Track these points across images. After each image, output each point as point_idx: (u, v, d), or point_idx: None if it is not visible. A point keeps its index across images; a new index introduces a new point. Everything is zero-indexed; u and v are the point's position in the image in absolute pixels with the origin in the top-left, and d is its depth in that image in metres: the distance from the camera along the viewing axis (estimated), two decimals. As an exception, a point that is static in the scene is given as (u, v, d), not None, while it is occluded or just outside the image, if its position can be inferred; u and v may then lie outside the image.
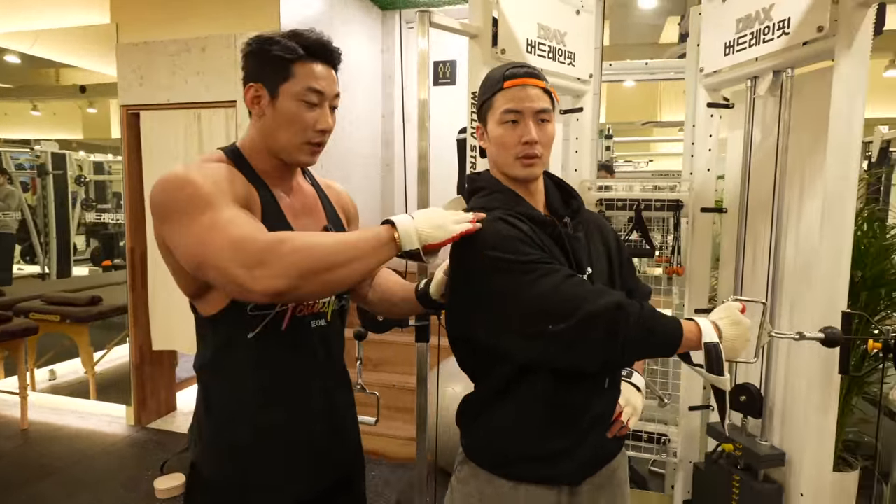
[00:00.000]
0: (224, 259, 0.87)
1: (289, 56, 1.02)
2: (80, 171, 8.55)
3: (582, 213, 1.17)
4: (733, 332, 1.01)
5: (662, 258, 2.19)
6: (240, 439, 1.06)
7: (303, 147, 1.06)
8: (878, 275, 2.04)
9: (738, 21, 1.75)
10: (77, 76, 8.46)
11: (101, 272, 8.01)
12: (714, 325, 1.01)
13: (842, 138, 1.45)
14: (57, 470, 2.92)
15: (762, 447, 1.70)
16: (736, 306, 1.04)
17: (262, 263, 0.86)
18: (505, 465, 1.10)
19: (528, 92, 1.07)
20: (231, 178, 1.01)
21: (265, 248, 0.87)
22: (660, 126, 7.67)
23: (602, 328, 0.94)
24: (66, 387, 4.13)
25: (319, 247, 0.90)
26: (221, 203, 0.93)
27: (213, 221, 0.90)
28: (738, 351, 1.02)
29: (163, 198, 0.95)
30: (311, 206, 1.16)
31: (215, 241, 0.88)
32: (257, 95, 1.05)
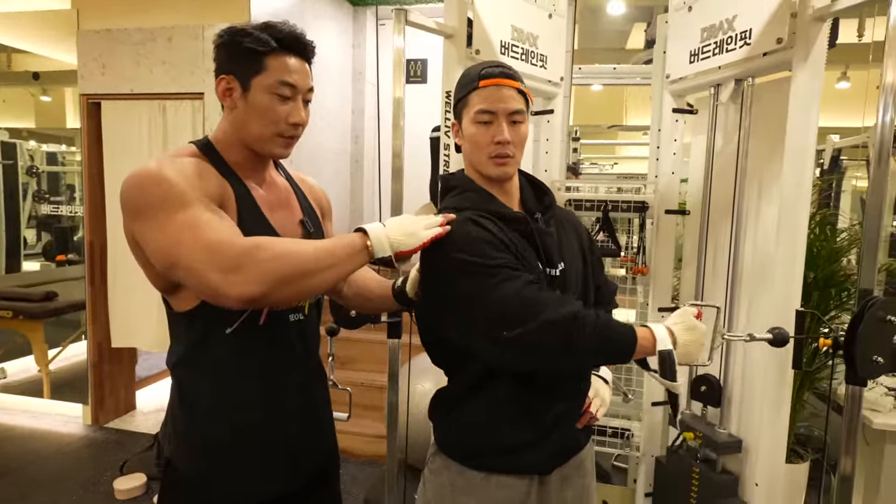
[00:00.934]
0: (198, 261, 0.87)
1: (261, 48, 1.01)
2: (32, 161, 8.20)
3: (554, 209, 1.19)
4: (688, 338, 1.04)
5: (627, 258, 2.25)
6: (216, 436, 1.05)
7: (275, 139, 1.05)
8: (828, 276, 2.15)
9: (703, 30, 1.82)
10: (30, 62, 8.10)
11: (53, 267, 7.70)
12: (669, 332, 1.04)
13: (797, 145, 1.52)
14: (10, 471, 2.81)
15: (720, 435, 1.77)
16: (691, 311, 1.08)
17: (239, 268, 0.86)
18: (476, 456, 1.13)
19: (503, 92, 1.09)
20: (204, 175, 0.99)
21: (242, 253, 0.87)
22: (625, 130, 7.84)
23: (558, 337, 0.97)
24: (17, 385, 3.97)
25: (296, 254, 0.91)
26: (196, 202, 0.92)
27: (188, 221, 0.89)
28: (693, 355, 1.05)
29: (135, 193, 0.93)
30: (285, 200, 1.16)
31: (190, 242, 0.87)
32: (229, 88, 1.04)
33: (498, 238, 1.05)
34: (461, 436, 1.15)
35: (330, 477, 1.26)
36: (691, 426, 1.85)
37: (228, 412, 1.05)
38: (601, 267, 1.32)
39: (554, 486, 1.16)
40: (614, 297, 1.37)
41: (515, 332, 0.96)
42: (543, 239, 1.11)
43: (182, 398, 1.07)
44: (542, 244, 1.11)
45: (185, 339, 1.05)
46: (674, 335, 1.04)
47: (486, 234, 1.05)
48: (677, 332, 1.05)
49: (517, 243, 1.08)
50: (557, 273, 1.12)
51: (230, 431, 1.05)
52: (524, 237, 1.10)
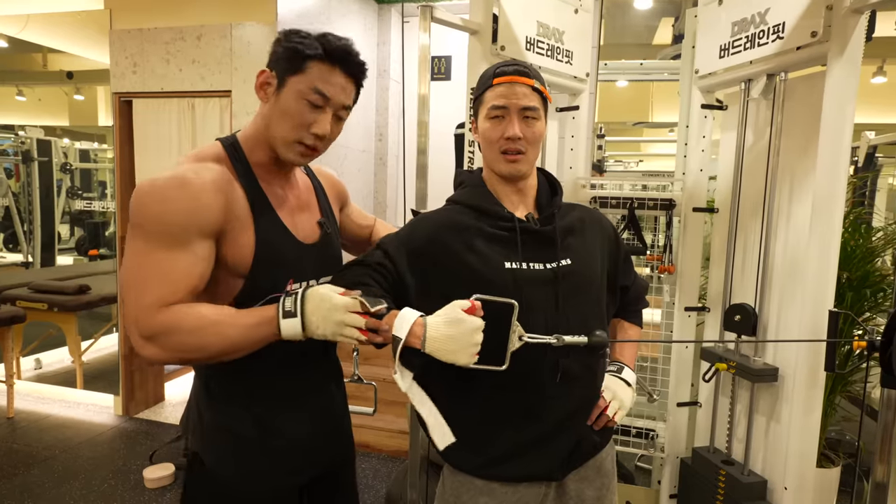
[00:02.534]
0: (129, 315, 0.93)
1: (306, 51, 1.01)
2: (66, 158, 8.44)
3: (558, 209, 1.17)
4: (445, 332, 0.94)
5: (653, 257, 2.22)
6: (243, 430, 1.08)
7: (294, 145, 1.04)
8: (863, 276, 2.09)
9: (734, 24, 1.78)
10: (64, 62, 8.34)
11: (86, 261, 7.92)
12: (421, 324, 0.96)
13: (832, 142, 1.48)
14: (45, 459, 2.90)
15: (756, 363, 1.73)
16: (461, 304, 0.95)
17: (152, 340, 0.92)
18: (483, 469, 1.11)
19: (515, 89, 1.09)
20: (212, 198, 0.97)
21: (157, 331, 0.92)
22: (650, 127, 7.74)
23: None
24: (51, 376, 4.09)
25: (204, 343, 0.94)
26: (179, 247, 0.94)
27: (150, 270, 0.93)
28: (454, 354, 0.94)
29: (136, 204, 0.95)
30: (305, 201, 1.17)
31: (133, 293, 0.93)
32: (266, 82, 1.04)
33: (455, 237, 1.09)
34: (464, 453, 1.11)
35: (348, 464, 1.30)
36: (724, 357, 1.81)
37: (254, 407, 1.08)
38: (629, 266, 1.30)
39: (572, 486, 1.15)
40: (644, 296, 1.35)
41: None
42: (527, 237, 1.10)
43: (209, 393, 1.09)
44: (525, 242, 1.10)
45: None
46: (424, 329, 0.95)
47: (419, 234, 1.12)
48: (430, 324, 0.95)
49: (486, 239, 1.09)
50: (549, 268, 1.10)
51: (256, 426, 1.08)
52: (506, 232, 1.10)
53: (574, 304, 1.11)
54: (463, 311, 0.94)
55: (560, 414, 1.11)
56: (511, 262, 1.08)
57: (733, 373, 1.77)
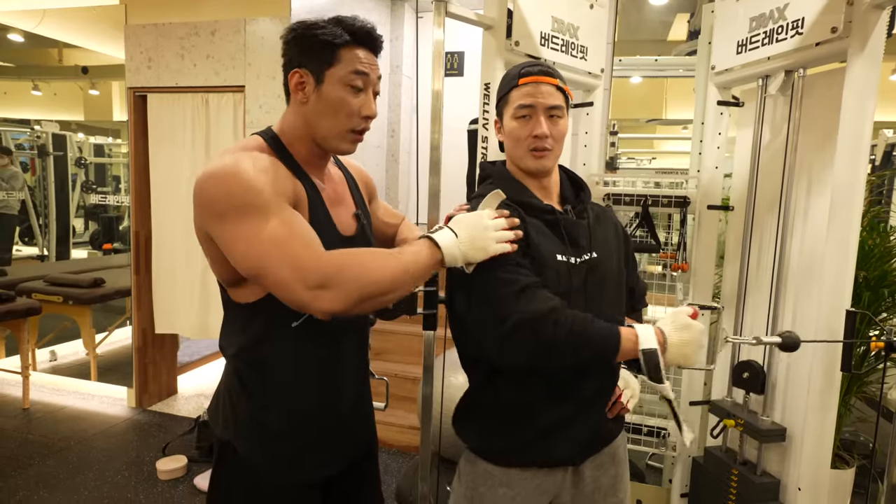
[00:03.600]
0: (286, 276, 0.90)
1: (336, 41, 1.01)
2: (80, 153, 8.53)
3: (587, 203, 1.21)
4: (681, 337, 1.02)
5: (667, 255, 2.21)
6: (276, 422, 1.08)
7: (346, 135, 1.06)
8: (881, 276, 2.07)
9: (752, 20, 1.76)
10: (79, 57, 8.42)
11: (100, 255, 8.01)
12: (659, 332, 1.03)
13: (852, 139, 1.46)
14: (60, 450, 2.94)
15: (763, 422, 1.72)
16: (686, 311, 1.05)
17: (325, 286, 0.90)
18: (505, 455, 1.15)
19: (541, 88, 1.12)
20: (279, 174, 1.00)
21: (328, 273, 0.91)
22: (664, 124, 7.67)
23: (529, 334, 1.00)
24: (66, 368, 4.15)
25: (377, 275, 0.95)
26: (278, 209, 0.94)
27: (273, 234, 0.91)
28: (689, 357, 1.02)
29: (218, 194, 0.93)
30: (341, 194, 1.17)
31: (278, 257, 0.90)
32: (301, 82, 1.04)
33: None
34: (484, 438, 1.17)
35: (371, 458, 1.31)
36: (732, 414, 1.80)
37: (288, 400, 1.08)
38: (635, 266, 1.33)
39: (589, 473, 1.18)
40: (644, 297, 1.38)
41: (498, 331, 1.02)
42: (569, 228, 1.13)
43: (243, 385, 1.08)
44: (567, 232, 1.13)
45: (247, 329, 1.06)
46: (664, 335, 1.03)
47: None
48: (668, 332, 1.03)
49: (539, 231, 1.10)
50: (584, 260, 1.13)
51: (289, 418, 1.08)
52: (548, 226, 1.13)
53: (601, 297, 1.14)
54: (689, 316, 1.04)
55: (586, 400, 1.14)
56: (562, 254, 1.11)
57: (741, 430, 1.76)
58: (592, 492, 1.19)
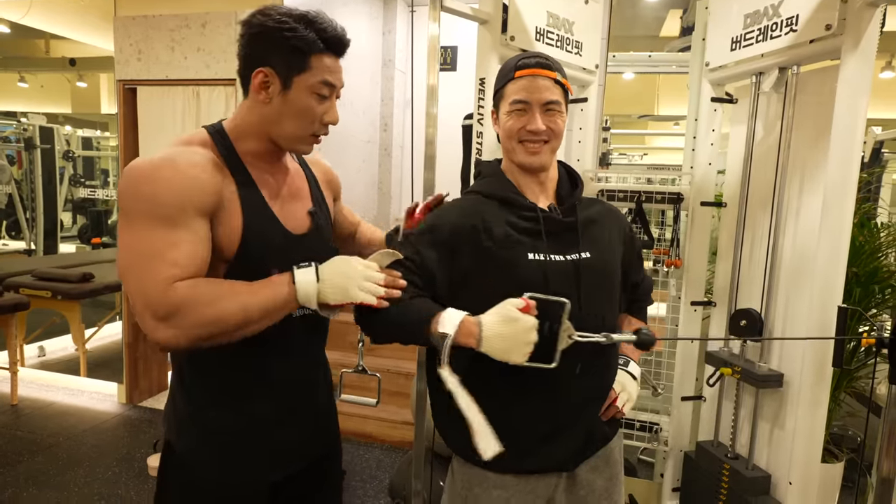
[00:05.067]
0: (137, 299, 0.90)
1: (307, 49, 0.99)
2: (68, 146, 8.42)
3: (579, 201, 1.17)
4: (500, 330, 0.95)
5: (660, 251, 2.21)
6: (220, 423, 1.06)
7: (307, 138, 1.06)
8: (871, 272, 2.09)
9: (746, 16, 1.76)
10: (67, 48, 8.30)
11: (89, 249, 7.93)
12: (475, 322, 0.97)
13: (845, 136, 1.47)
14: (49, 446, 2.91)
15: (761, 368, 1.73)
16: (515, 303, 0.97)
17: (167, 320, 0.89)
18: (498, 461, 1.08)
19: (538, 82, 1.09)
20: (206, 174, 0.97)
21: (174, 309, 0.89)
22: (656, 120, 7.70)
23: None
24: (55, 363, 4.11)
25: (223, 314, 0.92)
26: (176, 225, 0.92)
27: (148, 249, 0.90)
28: (508, 352, 0.95)
29: (127, 189, 0.93)
30: (296, 189, 1.14)
31: (138, 275, 0.90)
32: (266, 82, 1.00)
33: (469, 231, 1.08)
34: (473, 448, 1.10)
35: (332, 458, 1.27)
36: (729, 362, 1.80)
37: (230, 401, 1.06)
38: (640, 263, 1.31)
39: (584, 476, 1.16)
40: (650, 293, 1.36)
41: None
42: (551, 227, 1.10)
43: (183, 383, 1.07)
44: (546, 231, 1.09)
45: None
46: (479, 327, 0.96)
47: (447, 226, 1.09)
48: (485, 323, 0.96)
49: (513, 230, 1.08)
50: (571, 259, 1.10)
51: (231, 419, 1.06)
52: (529, 222, 1.09)
53: (593, 297, 1.11)
54: (518, 309, 0.95)
55: (576, 405, 1.12)
56: (535, 253, 1.07)
57: (738, 378, 1.76)
58: (587, 494, 1.17)
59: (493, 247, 1.07)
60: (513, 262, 1.06)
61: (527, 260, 1.07)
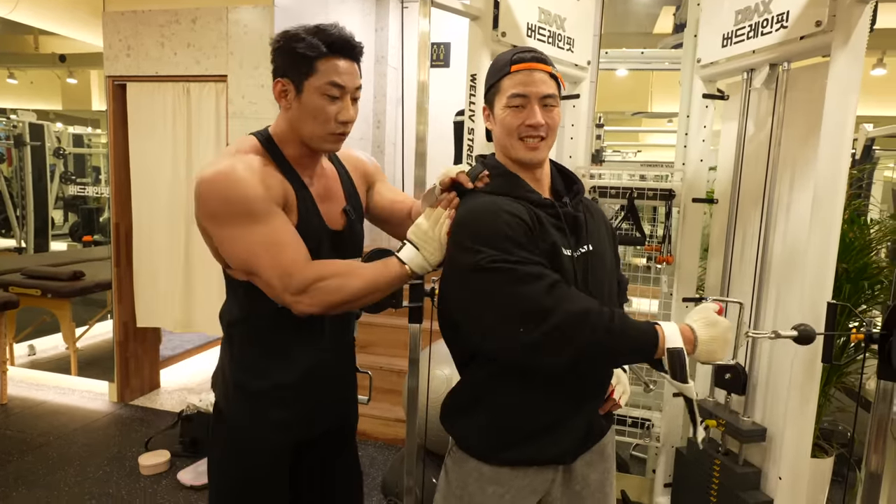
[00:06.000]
0: (272, 280, 1.07)
1: (312, 53, 1.10)
2: (59, 143, 8.35)
3: (581, 196, 1.19)
4: (710, 334, 1.01)
5: (652, 247, 2.22)
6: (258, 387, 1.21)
7: (327, 137, 1.16)
8: (861, 268, 2.10)
9: (738, 13, 1.76)
10: (56, 44, 8.22)
11: (80, 247, 7.87)
12: (688, 329, 1.02)
13: (834, 133, 1.47)
14: (39, 445, 2.89)
15: (744, 423, 1.74)
16: (712, 307, 1.04)
17: (304, 293, 1.07)
18: (499, 453, 1.12)
19: (535, 76, 1.08)
20: (270, 177, 1.11)
21: (309, 283, 1.07)
22: (649, 117, 7.71)
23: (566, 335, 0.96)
24: (45, 362, 4.07)
25: (350, 288, 1.10)
26: (271, 216, 1.08)
27: (265, 239, 1.07)
28: (716, 353, 1.02)
29: (216, 199, 1.07)
30: (331, 190, 1.26)
31: (268, 261, 1.07)
32: (284, 90, 1.14)
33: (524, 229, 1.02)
34: (481, 435, 1.13)
35: (349, 428, 1.45)
36: (714, 414, 1.82)
37: (270, 368, 1.21)
38: (618, 261, 1.33)
39: (579, 470, 1.18)
40: (626, 291, 1.37)
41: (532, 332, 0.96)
42: (570, 221, 1.11)
43: (232, 352, 1.23)
44: (569, 226, 1.10)
45: (241, 302, 1.21)
46: (693, 332, 1.01)
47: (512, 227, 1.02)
48: (697, 329, 1.02)
49: (545, 224, 1.07)
50: (581, 253, 1.11)
51: (270, 384, 1.21)
52: (552, 219, 1.09)
53: (599, 289, 1.13)
54: (715, 312, 1.03)
55: (578, 399, 1.13)
56: (566, 247, 1.08)
57: (722, 430, 1.79)
58: (582, 489, 1.18)
59: (546, 241, 1.06)
60: (557, 256, 1.06)
61: (562, 253, 1.07)
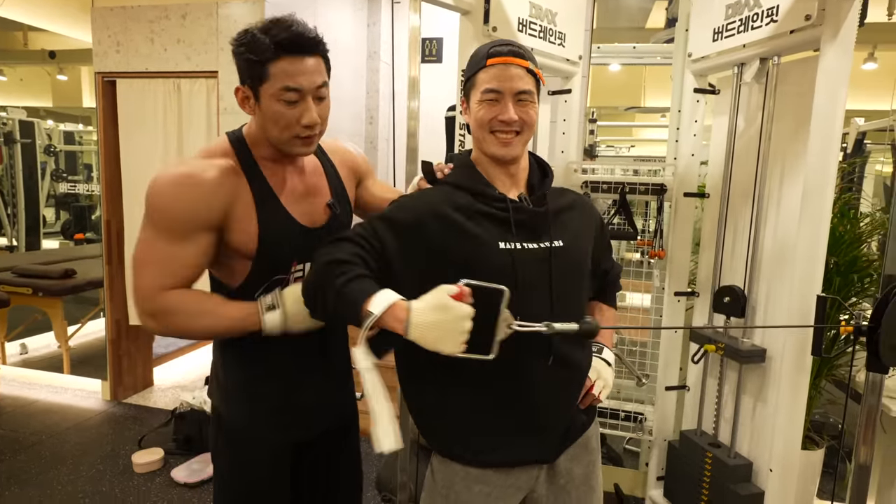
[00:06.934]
0: (135, 291, 1.08)
1: (260, 57, 1.03)
2: (50, 140, 8.27)
3: (547, 190, 1.16)
4: (429, 318, 0.88)
5: (643, 242, 2.22)
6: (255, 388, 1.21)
7: (293, 141, 1.10)
8: (851, 261, 2.11)
9: (728, 7, 1.76)
10: (46, 40, 8.15)
11: (72, 245, 7.82)
12: (405, 307, 0.91)
13: (824, 127, 1.48)
14: (32, 444, 2.88)
15: (744, 344, 1.75)
16: (448, 289, 0.90)
17: (153, 317, 1.07)
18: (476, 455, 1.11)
19: (510, 71, 1.06)
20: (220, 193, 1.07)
21: (161, 310, 1.06)
22: (643, 112, 7.72)
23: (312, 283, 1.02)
24: (37, 361, 4.05)
25: (197, 326, 1.10)
26: (178, 237, 1.06)
27: (155, 255, 1.06)
28: (440, 341, 0.88)
29: (149, 197, 1.07)
30: (314, 186, 1.21)
31: (142, 273, 1.07)
32: (245, 97, 1.10)
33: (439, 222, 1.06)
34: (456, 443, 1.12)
35: (352, 430, 1.41)
36: (713, 339, 1.82)
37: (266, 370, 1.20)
38: (610, 251, 1.33)
39: (563, 465, 1.17)
40: (619, 280, 1.37)
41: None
42: (520, 217, 1.09)
43: (225, 357, 1.22)
44: (515, 221, 1.08)
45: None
46: (409, 311, 0.90)
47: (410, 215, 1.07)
48: (415, 309, 0.89)
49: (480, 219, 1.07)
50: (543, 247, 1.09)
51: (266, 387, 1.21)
52: (498, 211, 1.08)
53: (565, 285, 1.11)
54: (450, 296, 0.89)
55: (552, 396, 1.11)
56: (506, 241, 1.06)
57: (721, 354, 1.78)
58: (566, 483, 1.17)
59: (461, 236, 1.05)
60: (483, 251, 1.05)
61: (497, 249, 1.05)
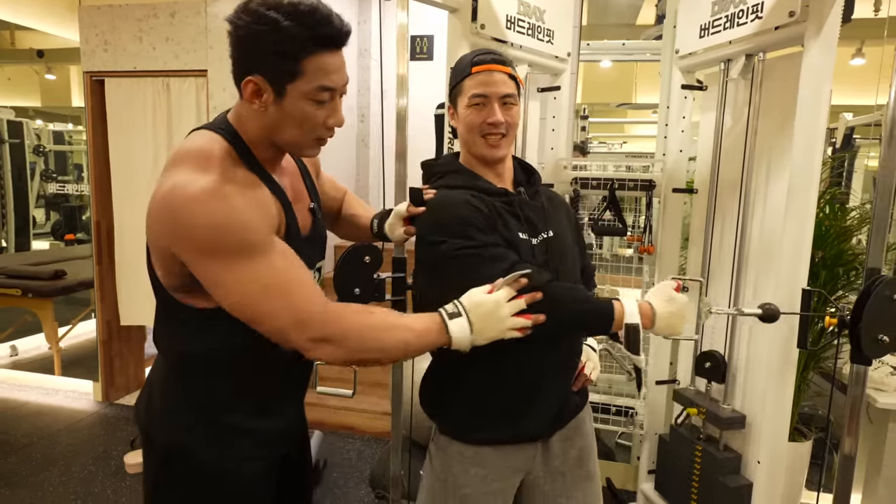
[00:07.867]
0: (286, 326, 0.89)
1: (296, 50, 0.88)
2: (39, 140, 8.21)
3: (539, 186, 1.27)
4: (668, 309, 1.09)
5: (634, 237, 2.24)
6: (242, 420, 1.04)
7: (311, 143, 1.00)
8: (837, 255, 2.13)
9: (714, 4, 1.77)
10: (34, 39, 8.07)
11: (62, 246, 7.77)
12: (647, 305, 1.10)
13: (808, 122, 1.49)
14: (23, 446, 2.86)
15: (724, 411, 1.78)
16: (671, 284, 1.12)
17: (327, 341, 0.92)
18: (477, 432, 1.17)
19: (494, 77, 1.16)
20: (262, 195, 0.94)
21: (333, 331, 0.92)
22: (634, 108, 7.74)
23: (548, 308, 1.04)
24: (28, 363, 4.03)
25: (384, 343, 0.97)
26: (271, 248, 0.89)
27: (272, 280, 0.88)
28: (675, 328, 1.10)
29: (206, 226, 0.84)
30: (299, 189, 1.12)
31: (278, 305, 0.89)
32: (258, 91, 0.91)
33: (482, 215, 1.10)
34: (458, 417, 1.20)
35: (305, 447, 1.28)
36: (695, 402, 1.85)
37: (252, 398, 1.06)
38: (584, 247, 1.39)
39: (557, 446, 1.23)
40: (593, 277, 1.43)
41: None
42: (525, 209, 1.18)
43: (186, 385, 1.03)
44: (524, 213, 1.17)
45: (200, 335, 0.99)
46: (652, 308, 1.09)
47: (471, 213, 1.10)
48: (656, 305, 1.09)
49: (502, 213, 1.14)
50: (543, 238, 1.18)
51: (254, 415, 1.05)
52: (507, 206, 1.17)
53: (562, 272, 1.19)
54: (673, 290, 1.11)
55: (550, 375, 1.19)
56: (521, 232, 1.15)
57: (703, 418, 1.82)
58: (561, 464, 1.23)
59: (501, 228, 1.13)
60: (515, 242, 1.13)
61: (520, 239, 1.14)
